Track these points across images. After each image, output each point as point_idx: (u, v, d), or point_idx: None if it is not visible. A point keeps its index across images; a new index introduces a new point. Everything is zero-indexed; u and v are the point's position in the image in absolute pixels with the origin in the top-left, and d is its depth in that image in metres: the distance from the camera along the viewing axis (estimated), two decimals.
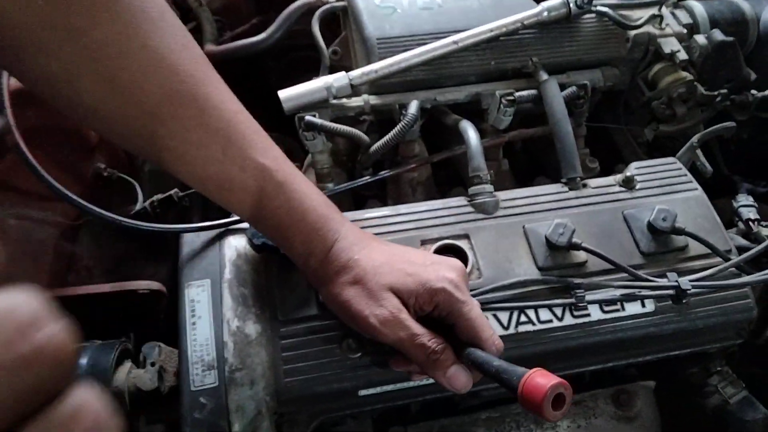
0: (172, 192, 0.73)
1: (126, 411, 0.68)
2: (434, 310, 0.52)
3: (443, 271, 0.52)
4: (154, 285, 0.79)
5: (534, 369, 0.48)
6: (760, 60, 0.87)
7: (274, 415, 0.59)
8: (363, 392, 0.61)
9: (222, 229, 0.65)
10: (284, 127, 0.98)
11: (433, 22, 0.80)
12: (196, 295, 0.61)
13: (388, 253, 0.54)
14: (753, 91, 0.83)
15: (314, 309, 0.60)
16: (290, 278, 0.61)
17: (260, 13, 1.00)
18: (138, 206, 0.75)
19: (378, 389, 0.61)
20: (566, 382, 0.47)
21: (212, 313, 0.59)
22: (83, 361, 0.69)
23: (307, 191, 0.53)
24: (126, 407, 0.67)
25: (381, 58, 0.77)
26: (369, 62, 0.78)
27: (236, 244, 0.64)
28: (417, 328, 0.51)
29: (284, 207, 0.52)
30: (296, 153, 0.98)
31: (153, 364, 0.71)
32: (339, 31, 0.87)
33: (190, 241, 0.64)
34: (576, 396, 0.73)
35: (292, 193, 0.52)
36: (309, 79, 0.86)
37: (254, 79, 1.17)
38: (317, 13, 0.84)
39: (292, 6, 0.88)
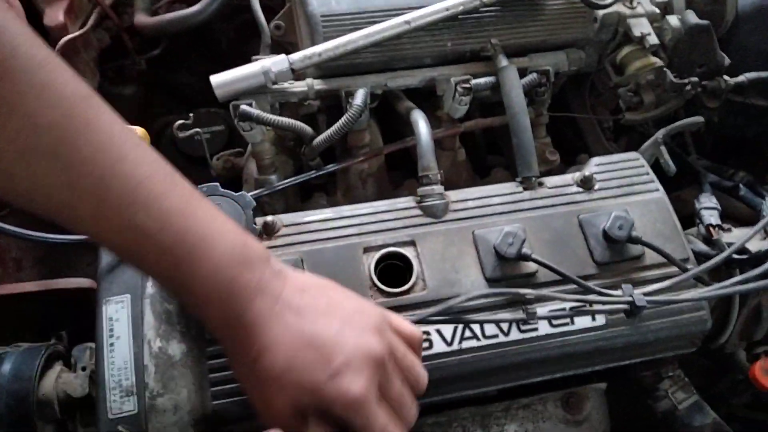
0: None
1: (56, 418, 0.64)
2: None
3: (352, 382, 0.44)
4: (85, 282, 0.75)
5: None
6: (736, 41, 0.81)
7: None
8: None
9: None
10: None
11: None
12: (115, 313, 0.56)
13: (297, 339, 0.45)
14: (725, 77, 0.78)
15: None
16: None
17: None
18: None
19: None
20: None
21: (132, 333, 0.55)
22: (6, 367, 0.65)
23: (204, 249, 0.44)
24: (56, 414, 0.64)
25: (326, 38, 0.70)
26: (313, 41, 0.71)
27: None
28: None
29: (171, 273, 0.44)
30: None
31: (84, 368, 0.67)
32: (283, 2, 0.79)
33: (108, 252, 0.59)
34: (524, 399, 0.72)
35: (182, 257, 0.43)
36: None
37: (204, 44, 1.08)
38: None
39: None
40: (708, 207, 0.68)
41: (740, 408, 0.74)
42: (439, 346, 0.58)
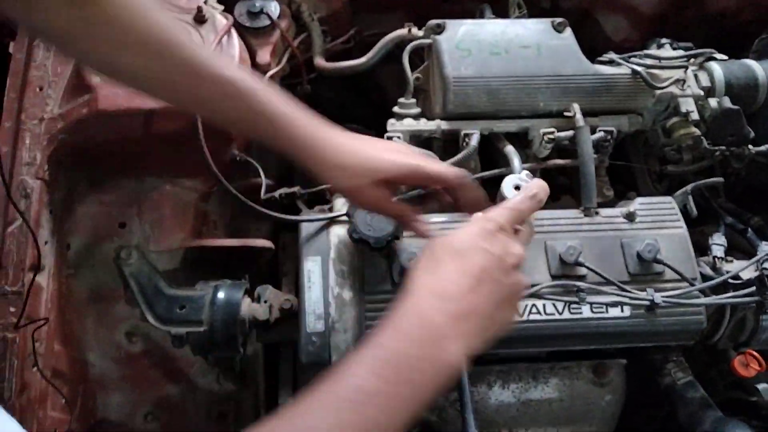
0: (295, 189, 0.99)
1: (245, 331, 0.97)
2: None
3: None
4: (267, 243, 1.07)
5: None
6: (763, 119, 1.05)
7: None
8: None
9: (329, 221, 0.91)
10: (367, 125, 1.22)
11: (499, 67, 1.01)
12: (312, 267, 0.88)
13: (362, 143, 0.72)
14: (750, 146, 1.03)
15: (389, 286, 0.87)
16: (374, 262, 0.88)
17: (356, 24, 1.22)
18: (263, 191, 1.00)
19: None
20: None
21: (321, 281, 0.87)
22: (221, 295, 0.98)
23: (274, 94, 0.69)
24: (246, 329, 0.97)
25: (455, 93, 0.99)
26: (445, 94, 1.00)
27: (339, 233, 0.90)
28: None
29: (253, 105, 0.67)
30: None
31: (266, 302, 1.00)
32: (420, 62, 1.09)
33: (306, 227, 0.91)
34: (565, 363, 1.00)
35: (263, 96, 0.68)
36: None
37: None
38: (408, 47, 1.04)
39: (388, 37, 1.09)
40: (717, 243, 0.95)
41: (722, 389, 1.00)
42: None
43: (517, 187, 0.79)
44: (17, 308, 0.85)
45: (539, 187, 0.71)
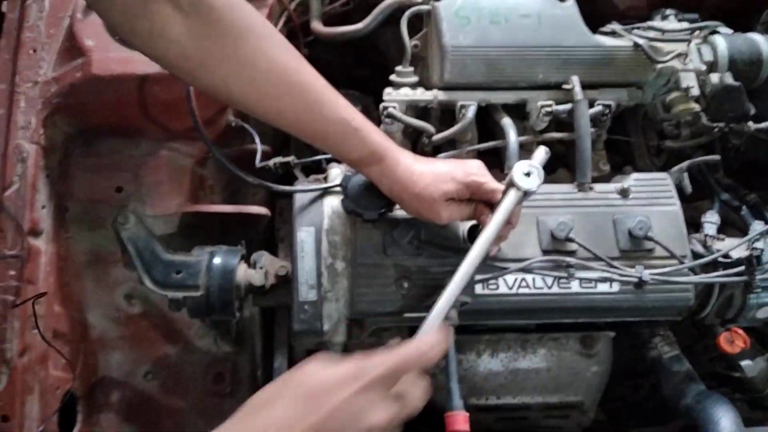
0: (290, 159, 0.99)
1: (240, 297, 0.99)
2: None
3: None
4: (263, 210, 1.08)
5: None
6: (765, 95, 1.04)
7: (347, 321, 0.90)
8: (406, 315, 0.90)
9: (323, 191, 0.92)
10: (366, 88, 1.21)
11: (499, 36, 0.99)
12: (305, 237, 0.89)
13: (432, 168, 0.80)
14: (750, 123, 1.01)
15: (381, 257, 0.88)
16: (367, 234, 0.89)
17: None
18: (257, 159, 1.00)
19: (416, 314, 0.90)
20: None
21: (315, 251, 0.88)
22: (217, 260, 0.99)
23: (373, 130, 0.78)
24: (241, 295, 0.98)
25: (452, 63, 0.98)
26: (442, 63, 0.99)
27: (332, 204, 0.91)
28: None
29: (360, 143, 0.77)
30: (372, 111, 1.21)
31: (261, 268, 1.01)
32: (420, 26, 1.06)
33: (300, 197, 0.91)
34: (554, 334, 1.02)
35: (366, 134, 0.77)
36: None
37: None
38: (406, 13, 1.02)
39: (386, 2, 1.06)
40: (710, 221, 0.95)
41: (707, 362, 1.02)
42: (503, 289, 0.89)
43: (528, 174, 0.74)
44: (17, 271, 0.87)
45: (437, 342, 0.62)
